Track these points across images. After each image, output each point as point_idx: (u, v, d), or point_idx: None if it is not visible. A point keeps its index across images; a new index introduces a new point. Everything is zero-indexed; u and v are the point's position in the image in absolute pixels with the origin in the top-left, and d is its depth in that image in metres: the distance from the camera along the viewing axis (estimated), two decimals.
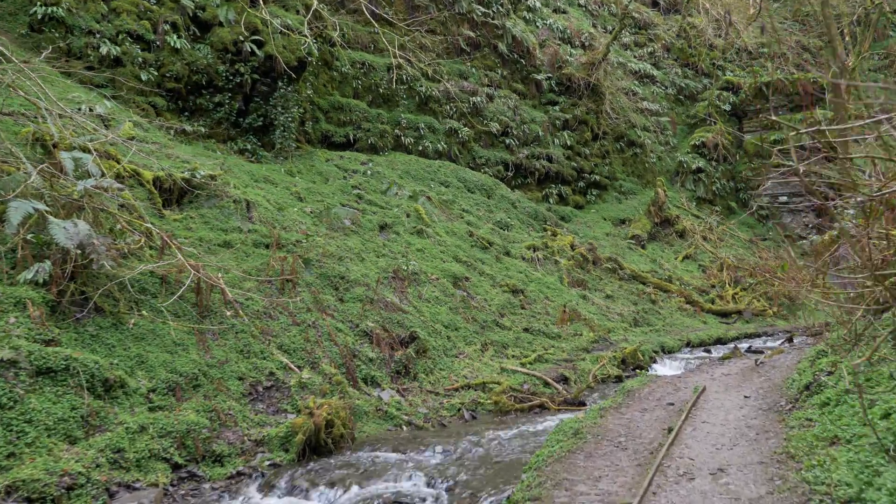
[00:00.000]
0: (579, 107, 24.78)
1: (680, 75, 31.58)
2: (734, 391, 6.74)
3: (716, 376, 8.23)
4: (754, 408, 6.01)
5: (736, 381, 7.39)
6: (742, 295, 21.94)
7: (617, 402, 7.31)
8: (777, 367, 8.00)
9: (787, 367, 7.82)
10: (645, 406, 6.81)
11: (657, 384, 8.08)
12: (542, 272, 17.57)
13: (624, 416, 6.49)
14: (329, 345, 9.72)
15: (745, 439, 5.09)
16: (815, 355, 6.86)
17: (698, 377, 8.40)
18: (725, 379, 7.75)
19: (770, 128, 29.73)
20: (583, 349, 14.48)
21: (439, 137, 20.31)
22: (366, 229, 14.61)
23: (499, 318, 14.31)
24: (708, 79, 32.69)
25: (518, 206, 20.88)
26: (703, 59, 32.76)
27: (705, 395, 6.60)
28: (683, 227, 24.73)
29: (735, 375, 7.99)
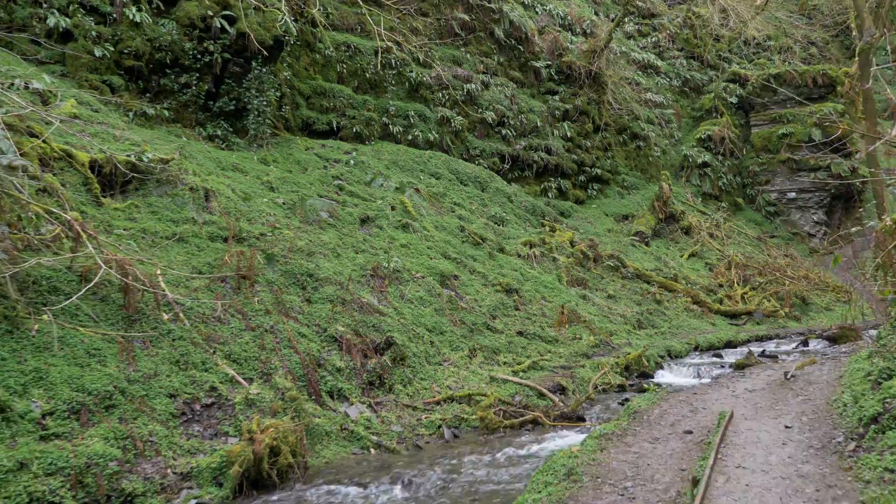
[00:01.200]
0: (580, 97, 23.48)
1: (685, 66, 30.27)
2: (768, 417, 5.48)
3: (738, 392, 6.97)
4: (802, 444, 4.73)
5: (767, 401, 6.13)
6: (751, 295, 20.66)
7: (621, 427, 6.04)
8: (813, 382, 6.75)
9: (827, 382, 6.58)
10: (656, 434, 5.55)
11: (669, 403, 6.81)
12: (538, 270, 16.30)
13: (630, 448, 5.22)
14: (289, 353, 8.45)
15: (801, 498, 3.79)
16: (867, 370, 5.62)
17: (717, 393, 7.15)
18: (752, 397, 6.49)
19: (778, 121, 28.44)
20: (582, 354, 13.21)
21: (430, 126, 19.03)
22: (345, 223, 13.34)
23: (490, 320, 13.04)
24: (714, 71, 31.39)
25: (514, 201, 19.60)
26: (708, 50, 31.45)
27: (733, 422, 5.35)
28: (689, 223, 23.44)
29: (763, 392, 6.74)
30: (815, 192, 27.66)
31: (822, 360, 8.21)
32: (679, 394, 7.59)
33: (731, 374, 9.22)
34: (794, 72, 28.45)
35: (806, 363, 7.97)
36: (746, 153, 28.79)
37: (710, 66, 31.31)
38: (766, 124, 28.78)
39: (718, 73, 31.17)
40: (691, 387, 9.20)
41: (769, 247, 25.29)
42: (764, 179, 28.13)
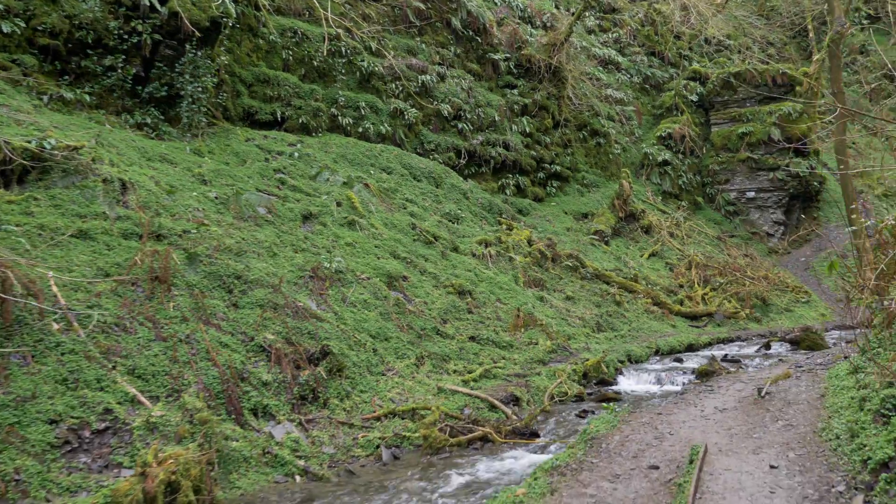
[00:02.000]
0: (539, 91, 22.77)
1: (646, 63, 29.82)
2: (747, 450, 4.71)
3: (708, 412, 6.24)
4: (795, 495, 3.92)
5: (742, 426, 5.39)
6: (712, 296, 20.20)
7: (576, 457, 5.24)
8: (791, 401, 6.07)
9: (808, 403, 5.88)
10: (616, 469, 4.76)
11: (631, 427, 6.03)
12: (494, 270, 15.50)
13: (586, 489, 4.41)
14: (206, 366, 7.48)
15: None
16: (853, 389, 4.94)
17: (684, 413, 6.41)
18: (724, 419, 5.76)
19: (738, 120, 28.14)
20: (538, 361, 12.45)
21: (383, 119, 18.09)
22: (285, 219, 12.35)
23: (440, 324, 12.19)
24: (674, 68, 31.02)
25: (470, 197, 18.78)
26: (669, 47, 31.08)
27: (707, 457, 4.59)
28: (649, 222, 22.91)
29: (735, 413, 6.01)
30: (774, 192, 27.43)
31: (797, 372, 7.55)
32: (642, 414, 6.82)
33: (697, 388, 8.50)
34: (754, 71, 28.18)
35: (779, 377, 7.31)
36: (706, 152, 28.46)
37: (670, 64, 30.94)
38: (725, 123, 28.46)
39: (679, 71, 30.82)
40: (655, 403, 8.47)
41: (729, 246, 24.94)
42: (724, 178, 27.81)
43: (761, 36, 39.36)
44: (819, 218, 29.13)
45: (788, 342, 15.61)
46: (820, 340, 15.36)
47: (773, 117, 26.95)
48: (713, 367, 11.96)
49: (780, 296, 21.47)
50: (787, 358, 13.44)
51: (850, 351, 7.11)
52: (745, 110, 27.97)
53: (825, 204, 29.87)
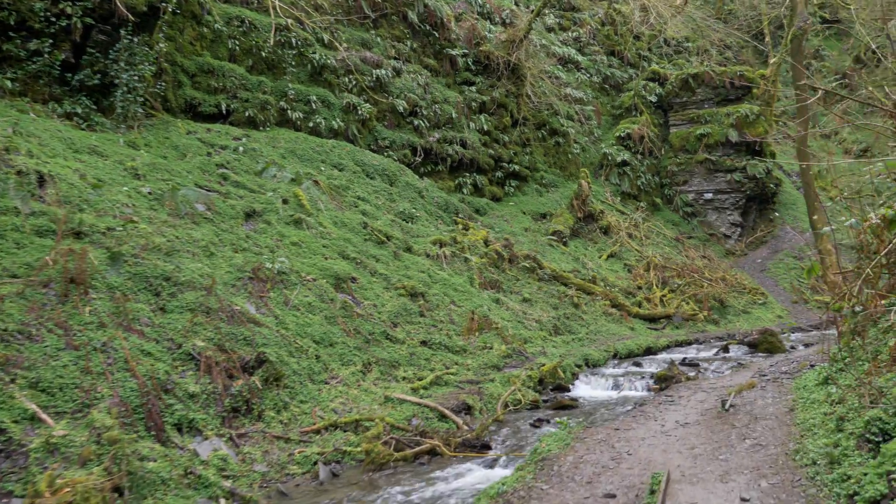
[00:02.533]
0: (498, 89, 22.33)
1: (605, 63, 29.63)
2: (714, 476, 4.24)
3: (669, 428, 5.79)
4: None
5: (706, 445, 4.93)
6: (670, 297, 19.98)
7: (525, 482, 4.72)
8: (758, 416, 5.65)
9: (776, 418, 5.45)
10: (568, 499, 4.24)
11: (586, 445, 5.54)
12: (448, 271, 14.97)
13: None
14: (123, 377, 6.78)
15: None
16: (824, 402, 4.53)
17: (643, 429, 5.94)
18: (686, 436, 5.30)
19: (696, 121, 28.12)
20: (493, 366, 11.94)
21: (335, 114, 17.42)
22: (225, 217, 11.63)
23: (390, 328, 11.60)
24: (634, 69, 30.92)
25: (426, 196, 18.23)
26: (628, 47, 30.96)
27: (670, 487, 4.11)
28: (608, 222, 22.64)
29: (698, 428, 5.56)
30: (731, 194, 27.45)
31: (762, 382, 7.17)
32: (598, 429, 6.34)
33: (657, 398, 8.06)
34: (712, 72, 28.19)
35: (743, 387, 6.92)
36: (665, 153, 28.37)
37: (630, 64, 30.82)
38: (684, 124, 28.43)
39: (638, 72, 30.72)
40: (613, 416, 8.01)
41: (687, 248, 24.84)
42: (682, 179, 27.75)
43: (719, 39, 39.58)
44: (775, 220, 29.27)
45: (747, 345, 15.40)
46: (778, 343, 15.18)
47: (731, 119, 26.97)
48: (672, 372, 11.60)
49: (737, 297, 21.36)
50: (746, 362, 13.18)
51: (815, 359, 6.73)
52: (703, 112, 27.96)
53: (781, 206, 30.06)
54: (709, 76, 28.00)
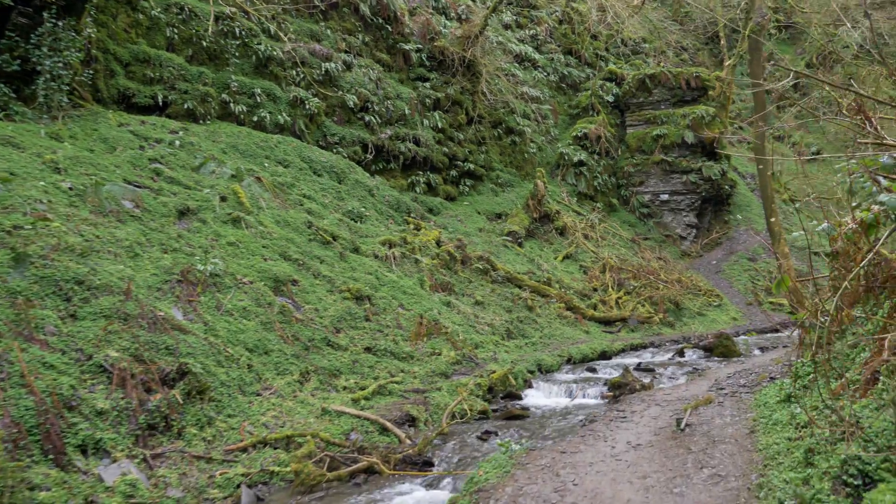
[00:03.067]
0: (453, 85, 21.80)
1: (562, 62, 29.33)
2: None
3: (620, 451, 5.31)
4: None
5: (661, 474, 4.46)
6: (626, 300, 19.70)
7: None
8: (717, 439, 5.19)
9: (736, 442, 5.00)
10: None
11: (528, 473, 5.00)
12: (398, 273, 14.38)
13: None
14: (18, 393, 6.04)
15: None
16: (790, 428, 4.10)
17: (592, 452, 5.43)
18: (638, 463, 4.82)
19: (653, 122, 28.00)
20: (441, 374, 11.40)
21: (281, 108, 16.69)
22: (155, 215, 10.86)
23: (333, 334, 10.97)
24: (591, 68, 30.70)
25: (376, 195, 17.60)
26: (585, 47, 30.73)
27: None
28: (564, 223, 22.29)
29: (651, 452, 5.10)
30: (687, 195, 27.40)
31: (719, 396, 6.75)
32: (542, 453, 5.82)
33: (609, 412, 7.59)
34: (668, 73, 28.10)
35: (700, 402, 6.49)
36: (621, 153, 28.20)
37: (587, 64, 30.59)
38: (640, 125, 28.30)
39: (595, 71, 30.52)
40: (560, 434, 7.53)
41: (643, 249, 24.66)
42: (638, 180, 27.61)
43: (675, 41, 39.75)
44: (730, 221, 29.34)
45: (702, 349, 15.14)
46: (733, 347, 14.95)
47: (687, 120, 26.90)
48: (626, 379, 11.20)
49: (692, 299, 21.21)
50: (702, 367, 12.88)
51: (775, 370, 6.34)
52: (659, 112, 27.85)
53: (736, 207, 30.16)
54: (665, 77, 27.91)
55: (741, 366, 9.21)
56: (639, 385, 10.98)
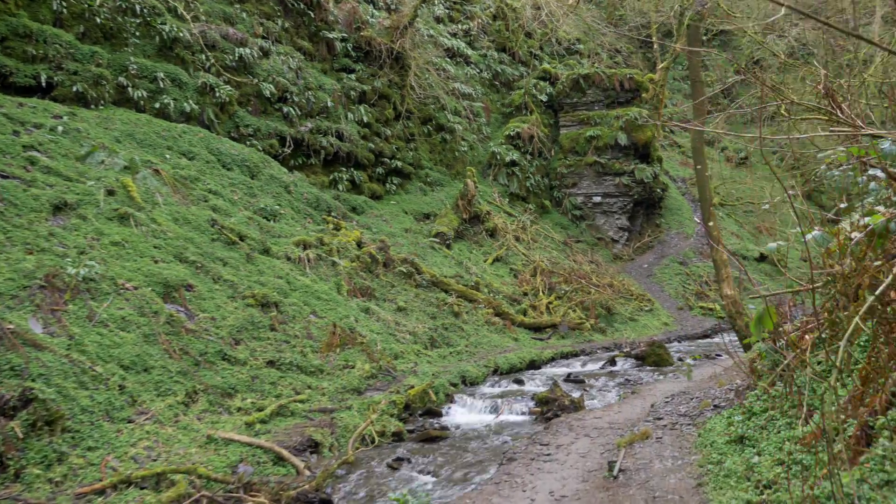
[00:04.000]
0: (380, 78, 20.70)
1: (496, 59, 28.57)
2: None
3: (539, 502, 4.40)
4: None
5: None
6: (557, 305, 18.99)
7: None
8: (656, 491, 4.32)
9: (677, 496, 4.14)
10: None
11: None
12: (312, 277, 13.22)
13: None
14: None
15: None
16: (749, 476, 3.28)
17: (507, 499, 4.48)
18: None
19: (586, 123, 27.51)
20: (353, 389, 10.32)
21: (188, 94, 15.28)
22: (23, 209, 9.43)
23: (230, 346, 9.76)
24: (525, 67, 30.04)
25: (294, 192, 16.35)
26: (520, 44, 30.07)
27: None
28: (495, 224, 21.47)
29: None
30: (620, 197, 26.99)
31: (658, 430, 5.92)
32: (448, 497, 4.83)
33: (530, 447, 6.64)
34: (602, 73, 27.66)
35: (636, 438, 5.62)
36: (555, 154, 27.61)
37: (521, 62, 29.93)
38: (574, 125, 27.76)
39: (529, 70, 29.88)
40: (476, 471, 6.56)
41: (575, 252, 24.08)
42: (571, 182, 27.05)
43: (609, 43, 39.64)
44: (661, 225, 29.14)
45: (634, 357, 14.49)
46: (666, 355, 14.36)
47: (621, 122, 26.48)
48: (555, 394, 10.37)
49: (624, 304, 20.69)
50: (634, 379, 12.17)
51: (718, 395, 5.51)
52: (593, 113, 27.37)
53: (667, 211, 30.00)
54: (599, 78, 27.45)
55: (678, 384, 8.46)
56: (568, 401, 10.16)
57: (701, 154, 8.87)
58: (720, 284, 8.87)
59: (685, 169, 36.35)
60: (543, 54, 31.65)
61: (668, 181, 31.05)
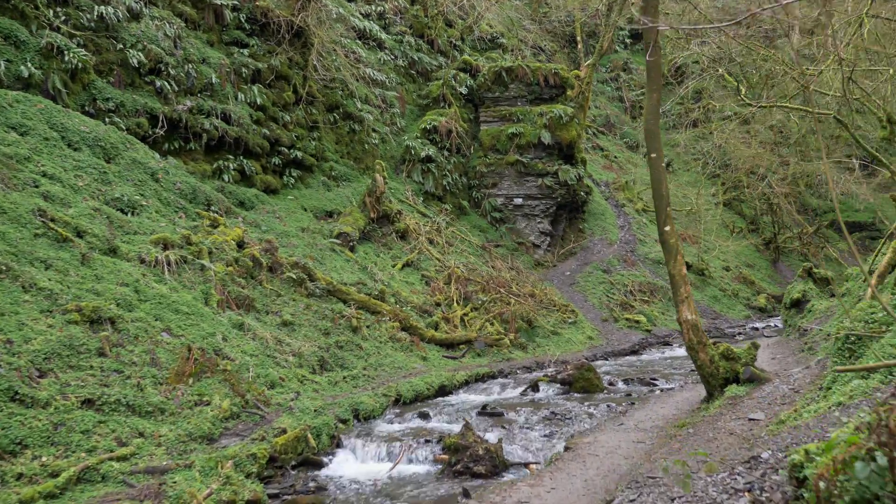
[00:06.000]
0: (278, 56, 18.15)
1: (413, 46, 26.34)
2: None
3: None
4: None
5: None
6: (473, 317, 16.92)
7: None
8: None
9: None
10: None
11: None
12: (172, 284, 10.64)
13: None
14: None
15: None
16: None
17: None
18: None
19: (508, 119, 25.64)
20: (203, 436, 7.86)
21: (28, 56, 12.40)
22: None
23: (30, 380, 7.15)
24: (444, 57, 27.95)
25: (164, 180, 13.65)
26: (439, 33, 27.96)
27: None
28: (406, 225, 19.23)
29: None
30: (542, 200, 25.21)
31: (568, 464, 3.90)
32: None
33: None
34: (527, 67, 25.86)
35: None
36: (474, 151, 25.60)
37: (440, 52, 27.81)
38: (495, 121, 25.83)
39: (449, 61, 27.81)
40: None
41: (494, 257, 22.10)
42: (491, 182, 25.10)
43: (533, 41, 38.13)
44: (584, 230, 27.61)
45: (560, 383, 12.52)
46: (595, 380, 12.47)
47: (544, 119, 24.73)
48: (466, 440, 8.22)
49: (546, 315, 18.81)
50: (561, 412, 10.15)
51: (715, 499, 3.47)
52: (515, 109, 25.51)
53: (590, 216, 28.52)
54: (523, 71, 25.63)
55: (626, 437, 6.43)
56: (482, 449, 8.03)
57: (656, 138, 6.90)
58: (677, 306, 6.95)
59: (608, 173, 35.12)
60: (464, 45, 29.66)
61: (592, 185, 29.59)
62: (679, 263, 6.81)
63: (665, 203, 6.86)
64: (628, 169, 36.79)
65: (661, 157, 6.84)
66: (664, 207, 6.83)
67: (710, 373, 6.61)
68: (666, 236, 6.80)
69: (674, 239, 6.71)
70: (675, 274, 6.89)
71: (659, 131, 6.99)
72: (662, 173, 6.78)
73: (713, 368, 6.59)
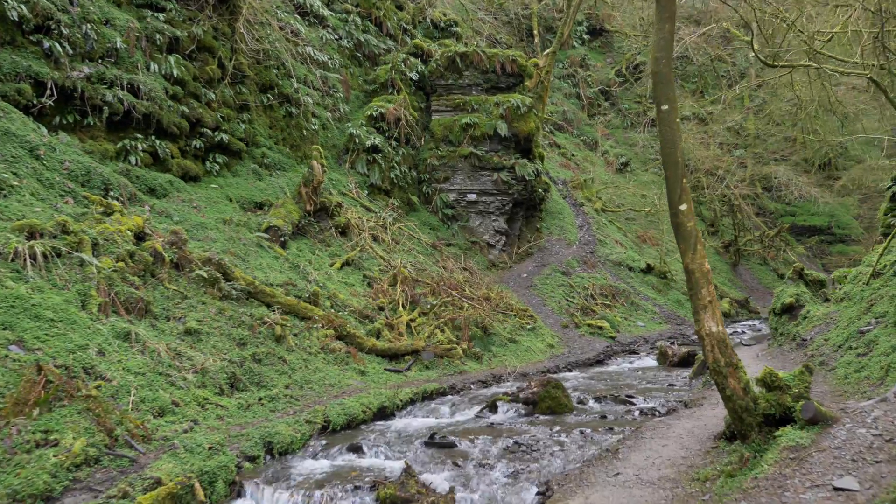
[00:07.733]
0: (201, 23, 15.82)
1: (359, 27, 24.18)
2: None
3: None
4: None
5: None
6: (421, 322, 14.87)
7: None
8: None
9: None
10: None
11: None
12: (36, 282, 8.32)
13: None
14: None
15: None
16: None
17: None
18: None
19: (462, 109, 23.68)
20: (35, 495, 5.62)
21: None
22: None
23: None
24: (394, 41, 25.87)
25: (47, 158, 11.26)
26: (389, 15, 25.87)
27: None
28: (347, 220, 17.07)
29: None
30: (498, 196, 23.32)
31: None
32: None
33: None
34: (482, 53, 23.97)
35: None
36: (425, 143, 23.56)
37: (390, 36, 25.72)
38: (448, 111, 23.83)
39: (399, 45, 25.74)
40: None
41: (445, 257, 20.09)
42: (443, 176, 23.09)
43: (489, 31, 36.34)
44: (542, 230, 25.83)
45: (522, 402, 10.56)
46: (564, 398, 10.54)
47: (501, 109, 22.86)
48: (407, 491, 6.20)
49: (503, 321, 16.88)
50: (526, 444, 8.17)
51: None
52: (470, 98, 23.56)
53: (548, 215, 26.77)
54: (478, 57, 23.73)
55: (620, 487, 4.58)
56: (427, 502, 6.00)
57: (669, 84, 4.97)
58: (697, 313, 5.05)
59: (566, 171, 33.51)
60: (416, 31, 27.63)
61: (550, 182, 27.84)
62: (700, 255, 4.91)
63: (681, 173, 4.93)
64: (585, 167, 35.24)
65: (675, 111, 4.91)
66: (679, 178, 4.91)
67: (744, 407, 4.72)
68: (682, 217, 4.89)
69: (692, 222, 4.82)
70: (695, 269, 4.98)
71: (672, 75, 5.09)
72: (677, 132, 4.86)
73: (748, 401, 4.70)
